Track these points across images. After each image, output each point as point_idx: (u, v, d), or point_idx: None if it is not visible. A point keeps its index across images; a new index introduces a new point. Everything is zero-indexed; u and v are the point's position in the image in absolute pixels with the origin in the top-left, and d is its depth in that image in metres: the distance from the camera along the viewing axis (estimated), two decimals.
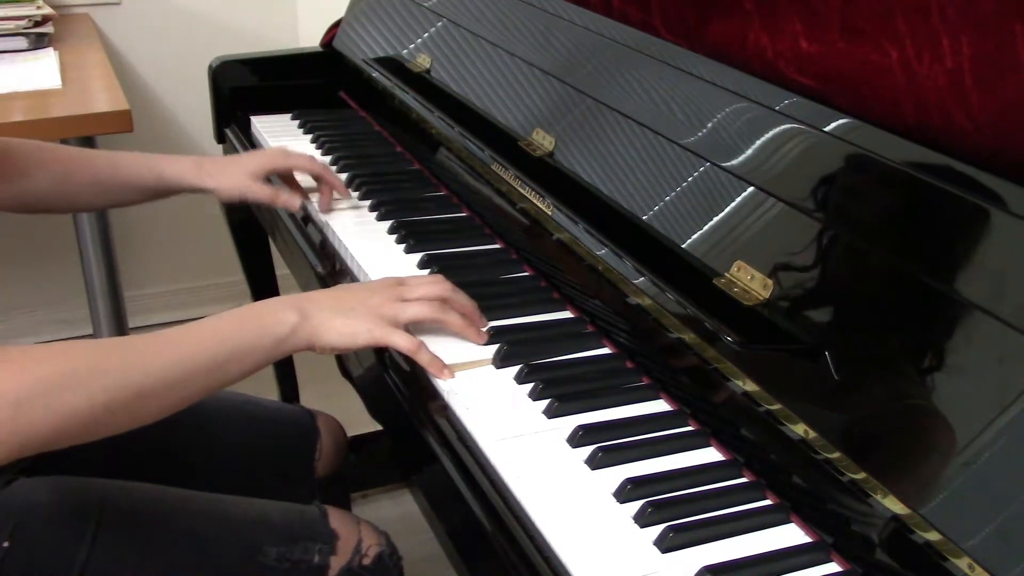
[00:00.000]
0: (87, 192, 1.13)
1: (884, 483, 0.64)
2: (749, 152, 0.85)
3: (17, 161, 1.08)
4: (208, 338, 0.80)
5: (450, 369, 0.86)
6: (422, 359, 0.86)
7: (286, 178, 1.23)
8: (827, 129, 0.79)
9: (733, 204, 0.84)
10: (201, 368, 0.78)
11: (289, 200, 1.17)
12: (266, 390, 1.11)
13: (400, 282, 0.91)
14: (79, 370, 0.71)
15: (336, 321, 0.85)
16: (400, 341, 0.86)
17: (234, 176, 1.15)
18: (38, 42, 1.85)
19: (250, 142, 1.46)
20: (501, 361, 0.88)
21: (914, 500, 0.62)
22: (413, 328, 0.89)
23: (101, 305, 1.82)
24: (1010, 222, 0.64)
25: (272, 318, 0.83)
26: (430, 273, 1.03)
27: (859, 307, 0.72)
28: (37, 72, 1.70)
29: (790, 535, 0.71)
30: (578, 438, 0.78)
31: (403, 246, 1.10)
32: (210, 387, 0.80)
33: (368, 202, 1.20)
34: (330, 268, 1.10)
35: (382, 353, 0.92)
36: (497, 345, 0.90)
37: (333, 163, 1.32)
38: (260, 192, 1.16)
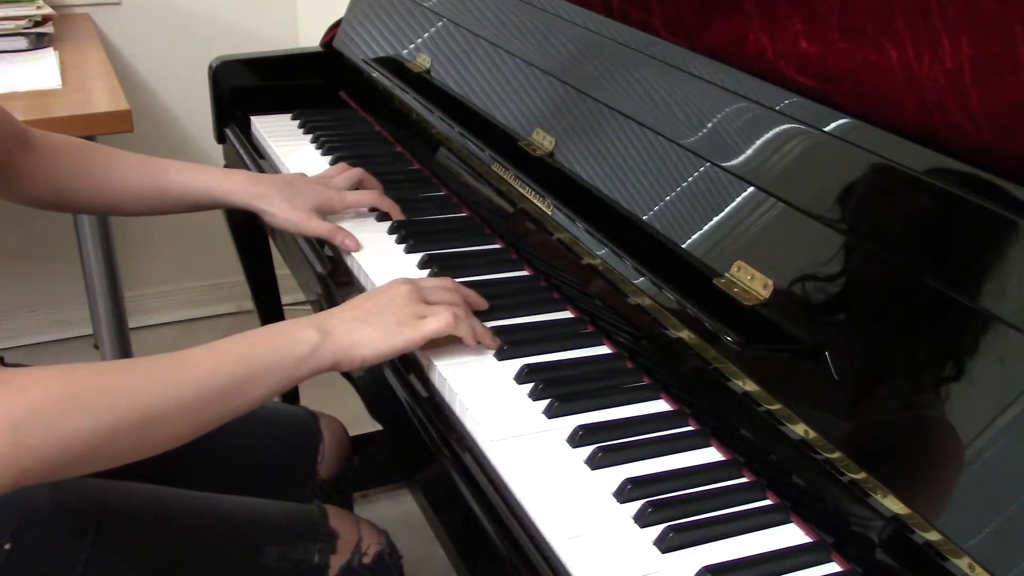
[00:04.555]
0: (124, 196, 1.10)
1: (884, 483, 0.64)
2: (749, 152, 0.85)
3: (62, 157, 1.06)
4: (223, 359, 0.75)
5: (494, 339, 0.89)
6: (462, 332, 0.86)
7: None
8: (827, 129, 0.79)
9: (733, 204, 0.84)
10: (217, 390, 0.74)
11: (347, 241, 1.10)
12: None
13: (411, 281, 0.89)
14: (83, 391, 0.67)
15: (365, 331, 0.82)
16: (437, 325, 0.84)
17: (294, 208, 1.10)
18: (38, 42, 1.85)
19: (250, 142, 1.46)
20: (501, 361, 0.88)
21: (914, 500, 0.62)
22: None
23: (101, 305, 1.82)
24: (1010, 222, 0.64)
25: (291, 337, 0.79)
26: (430, 274, 1.03)
27: (859, 307, 0.72)
28: (37, 72, 1.70)
29: (790, 535, 0.71)
30: (578, 438, 0.78)
31: (403, 246, 1.10)
32: (225, 413, 0.76)
33: None
34: (330, 268, 1.10)
35: None
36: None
37: (333, 163, 1.32)
38: (318, 228, 1.11)
